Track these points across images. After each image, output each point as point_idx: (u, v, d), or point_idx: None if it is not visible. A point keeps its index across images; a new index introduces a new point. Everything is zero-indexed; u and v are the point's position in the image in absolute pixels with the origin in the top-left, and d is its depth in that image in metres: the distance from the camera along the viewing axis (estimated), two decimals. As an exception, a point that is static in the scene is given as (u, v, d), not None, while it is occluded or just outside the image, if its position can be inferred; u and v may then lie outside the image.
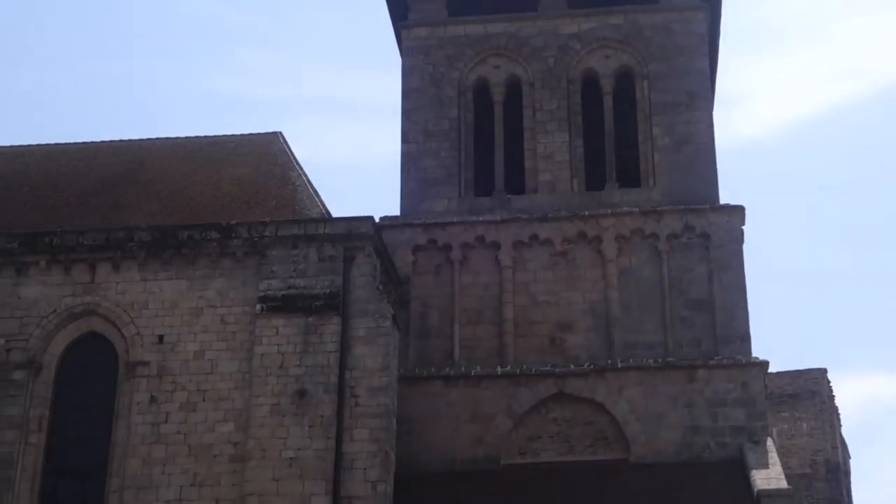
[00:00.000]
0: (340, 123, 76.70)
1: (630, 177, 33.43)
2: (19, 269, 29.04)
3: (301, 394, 27.07)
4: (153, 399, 27.59)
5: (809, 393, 50.62)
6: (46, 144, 35.49)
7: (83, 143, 35.37)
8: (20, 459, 27.43)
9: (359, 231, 28.68)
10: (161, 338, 28.15)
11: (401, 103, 34.59)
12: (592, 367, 30.48)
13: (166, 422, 27.38)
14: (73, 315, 28.75)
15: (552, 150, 33.52)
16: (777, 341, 70.78)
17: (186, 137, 35.14)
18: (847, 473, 52.67)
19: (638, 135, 33.80)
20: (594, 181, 33.52)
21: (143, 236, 28.90)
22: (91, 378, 28.53)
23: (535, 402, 30.38)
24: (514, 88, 34.67)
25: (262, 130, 34.78)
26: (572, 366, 30.59)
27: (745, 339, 30.78)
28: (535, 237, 32.13)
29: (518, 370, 30.60)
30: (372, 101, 73.56)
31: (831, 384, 52.15)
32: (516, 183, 33.65)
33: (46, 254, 28.99)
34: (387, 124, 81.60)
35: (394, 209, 33.29)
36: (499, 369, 30.68)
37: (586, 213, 32.25)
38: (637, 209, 32.19)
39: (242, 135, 34.85)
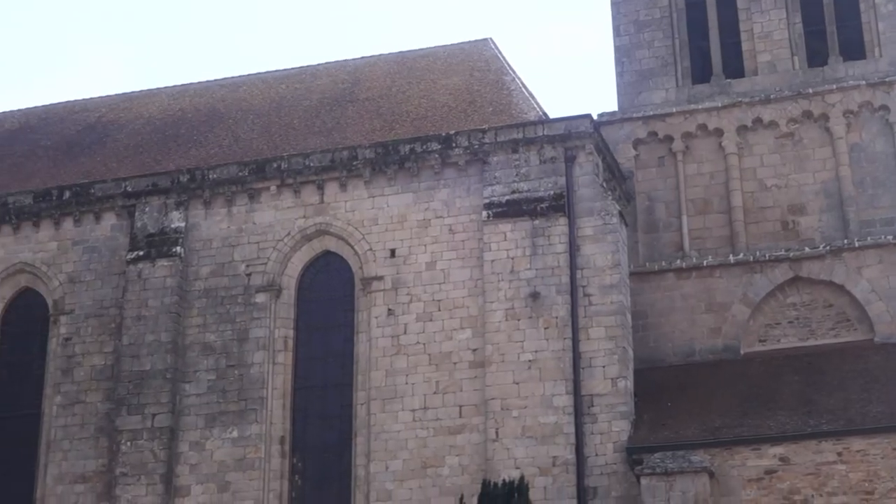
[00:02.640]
0: (549, 23, 76.10)
1: (853, 49, 32.15)
2: (252, 196, 29.96)
3: (534, 296, 27.25)
4: (391, 312, 28.19)
5: None
6: (265, 72, 36.40)
7: (300, 66, 36.14)
8: (270, 379, 28.52)
9: (578, 130, 28.51)
10: (393, 252, 28.69)
11: (609, -5, 33.95)
12: (828, 248, 29.68)
13: (405, 333, 27.98)
14: (306, 236, 29.56)
15: (770, 28, 32.45)
16: None
17: (399, 52, 35.52)
18: None
19: (859, 4, 32.38)
20: (816, 57, 32.35)
21: (366, 153, 29.39)
22: (329, 296, 29.36)
23: (771, 287, 29.80)
24: (724, -31, 33.60)
25: (472, 38, 34.88)
26: (807, 248, 29.86)
27: None
28: (758, 120, 31.33)
29: (751, 257, 30.04)
30: (579, -3, 72.71)
31: None
32: (735, 66, 32.75)
33: (276, 179, 29.80)
34: (596, 19, 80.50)
35: (611, 105, 32.92)
36: (731, 258, 30.20)
37: (810, 90, 31.21)
38: (864, 82, 30.98)
39: (453, 44, 35.02)
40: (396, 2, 79.37)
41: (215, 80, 36.66)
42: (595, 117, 29.64)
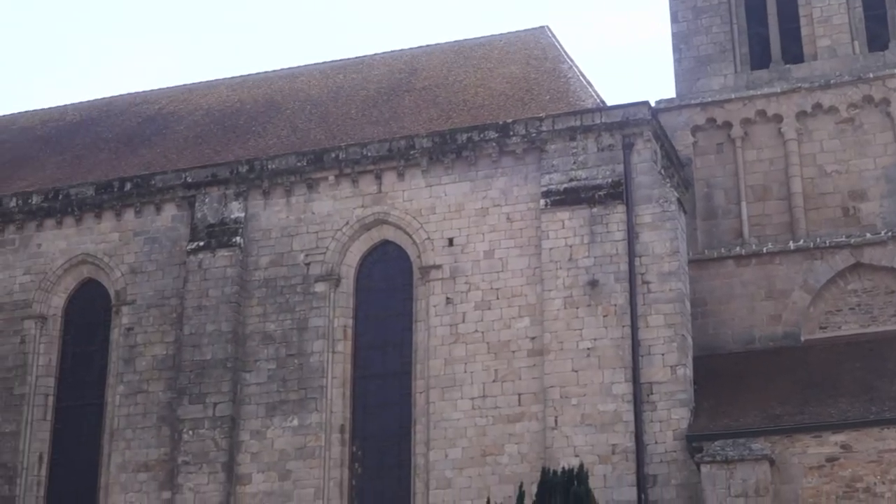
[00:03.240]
0: (605, 10, 75.85)
1: (915, 33, 31.79)
2: (310, 186, 30.11)
3: (592, 284, 27.23)
4: (449, 301, 28.25)
5: None
6: (323, 62, 36.52)
7: (357, 56, 36.25)
8: (330, 368, 28.68)
9: (636, 117, 28.43)
10: (451, 240, 28.74)
11: (667, -18, 33.72)
12: (890, 234, 29.35)
13: (463, 322, 28.03)
14: (364, 226, 29.67)
15: (829, 13, 32.12)
16: None
17: (455, 41, 35.53)
18: None
19: (921, -13, 32.00)
20: (876, 41, 31.99)
21: (423, 143, 29.44)
22: (388, 285, 29.48)
23: (832, 274, 29.52)
24: (783, -47, 33.26)
25: (528, 26, 34.82)
26: (868, 234, 29.56)
27: None
28: (818, 106, 31.02)
29: (812, 244, 29.78)
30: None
31: None
32: (794, 51, 32.46)
33: (334, 168, 29.94)
34: (653, 6, 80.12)
35: (669, 92, 32.73)
36: (791, 244, 29.95)
37: (871, 75, 30.85)
38: (926, 66, 30.63)
39: (510, 33, 34.98)
40: (452, -9, 79.39)
41: (273, 71, 36.87)
42: (653, 104, 29.51)
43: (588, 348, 26.84)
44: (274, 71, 36.86)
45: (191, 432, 28.66)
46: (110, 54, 79.71)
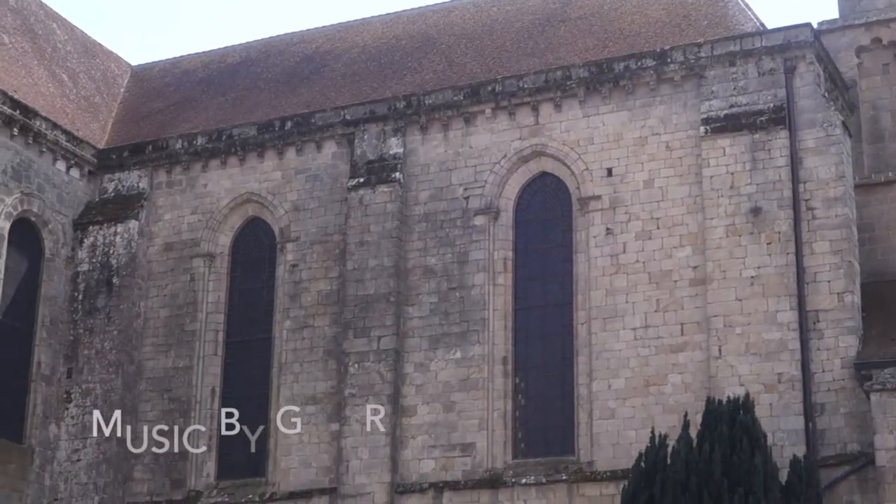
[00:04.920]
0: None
1: None
2: (467, 120, 30.18)
3: (755, 212, 26.85)
4: (609, 231, 28.15)
5: None
6: (476, -5, 36.29)
7: (509, -11, 35.90)
8: (491, 300, 28.87)
9: (797, 39, 27.80)
10: (610, 171, 28.58)
11: None
12: None
13: (624, 252, 27.93)
14: (522, 158, 29.67)
15: None
16: None
17: (612, -31, 34.90)
18: None
19: None
20: None
21: (580, 73, 29.25)
22: (547, 216, 29.51)
23: None
24: None
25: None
26: None
27: None
28: None
29: (983, 164, 28.85)
30: None
31: None
32: (964, -35, 31.25)
33: (491, 102, 29.93)
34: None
35: (831, 13, 31.83)
36: (962, 165, 29.05)
37: None
38: None
39: (665, -41, 34.20)
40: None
41: (427, 6, 36.80)
42: (815, 26, 28.79)
43: (752, 276, 26.51)
44: (427, 6, 36.80)
45: (356, 365, 29.17)
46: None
